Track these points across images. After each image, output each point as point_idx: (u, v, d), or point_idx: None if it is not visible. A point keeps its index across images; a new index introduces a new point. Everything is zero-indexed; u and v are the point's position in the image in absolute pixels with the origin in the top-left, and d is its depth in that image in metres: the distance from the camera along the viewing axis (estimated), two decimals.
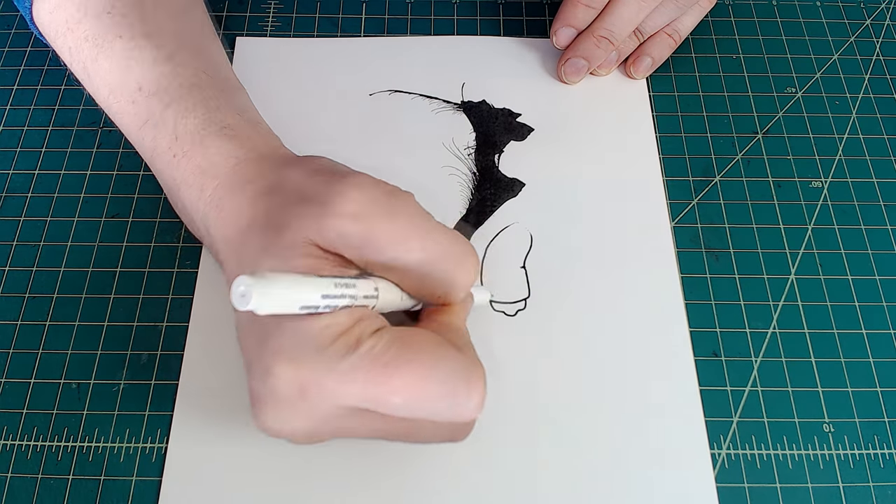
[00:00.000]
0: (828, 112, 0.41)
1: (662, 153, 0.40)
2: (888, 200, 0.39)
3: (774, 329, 0.35)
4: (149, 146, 0.31)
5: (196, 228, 0.31)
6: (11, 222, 0.37)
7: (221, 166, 0.29)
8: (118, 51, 0.31)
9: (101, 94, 0.32)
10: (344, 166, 0.28)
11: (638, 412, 0.33)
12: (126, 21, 0.32)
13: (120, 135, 0.33)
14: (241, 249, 0.27)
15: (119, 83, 0.31)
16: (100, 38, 0.32)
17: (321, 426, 0.25)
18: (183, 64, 0.31)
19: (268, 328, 0.25)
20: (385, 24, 0.44)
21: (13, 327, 0.34)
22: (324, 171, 0.27)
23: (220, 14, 0.44)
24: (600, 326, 0.35)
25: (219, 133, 0.30)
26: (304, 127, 0.40)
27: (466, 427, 0.28)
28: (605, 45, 0.40)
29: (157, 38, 0.32)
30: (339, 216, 0.25)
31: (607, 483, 0.31)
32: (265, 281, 0.22)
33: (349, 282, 0.25)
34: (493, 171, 0.39)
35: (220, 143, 0.29)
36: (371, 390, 0.24)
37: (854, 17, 0.45)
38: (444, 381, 0.25)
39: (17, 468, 0.31)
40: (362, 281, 0.25)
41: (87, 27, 0.32)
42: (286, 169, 0.28)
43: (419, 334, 0.26)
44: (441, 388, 0.25)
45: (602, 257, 0.36)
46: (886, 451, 0.32)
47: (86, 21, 0.32)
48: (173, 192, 0.31)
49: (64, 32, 0.33)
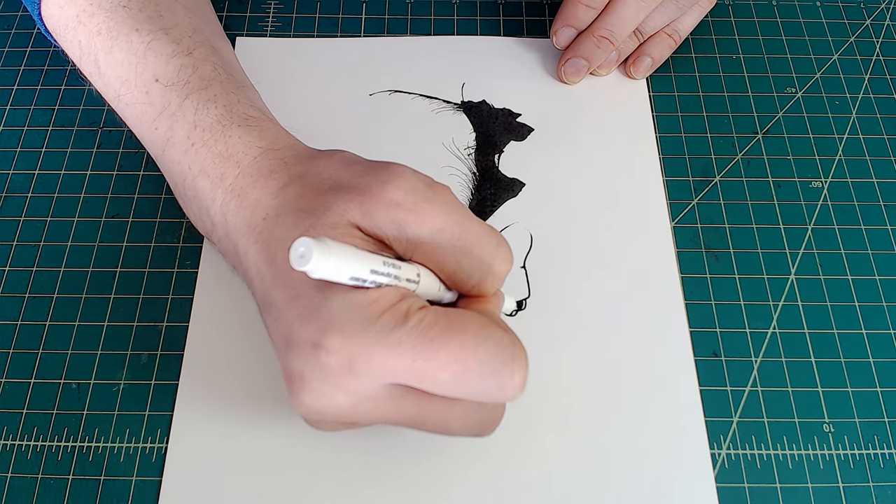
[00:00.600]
0: (828, 112, 0.41)
1: (662, 153, 0.40)
2: (888, 200, 0.39)
3: (774, 329, 0.35)
4: (162, 136, 0.31)
5: (208, 218, 0.31)
6: (11, 222, 0.37)
7: (243, 155, 0.29)
8: (135, 43, 0.32)
9: (111, 87, 0.33)
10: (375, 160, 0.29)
11: (638, 412, 0.33)
12: (143, 15, 0.32)
13: (120, 135, 0.33)
14: (269, 235, 0.27)
15: (134, 75, 0.31)
16: (115, 30, 0.32)
17: (362, 405, 0.25)
18: (202, 59, 0.32)
19: (313, 302, 0.25)
20: (385, 24, 0.44)
21: (13, 327, 0.34)
22: (359, 162, 0.28)
23: (220, 14, 0.44)
24: (600, 326, 0.35)
25: (241, 124, 0.30)
26: (304, 127, 0.39)
27: (496, 418, 0.28)
28: (606, 46, 0.40)
29: (175, 33, 0.32)
30: (384, 202, 0.26)
31: (607, 483, 0.31)
32: (324, 245, 0.22)
33: (396, 262, 0.25)
34: (493, 171, 0.39)
35: (241, 133, 0.30)
36: (419, 364, 0.24)
37: (854, 17, 0.45)
38: (489, 358, 0.25)
39: (17, 468, 0.31)
40: (406, 264, 0.26)
41: (101, 20, 0.32)
42: (313, 161, 0.29)
43: (463, 313, 0.26)
44: (487, 366, 0.25)
45: (602, 257, 0.36)
46: (886, 451, 0.32)
47: (99, 14, 0.32)
48: (186, 181, 0.31)
49: (75, 27, 0.33)
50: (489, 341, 0.25)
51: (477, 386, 0.25)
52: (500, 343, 0.25)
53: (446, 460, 0.31)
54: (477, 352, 0.25)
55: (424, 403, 0.26)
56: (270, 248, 0.27)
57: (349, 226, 0.26)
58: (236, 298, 0.34)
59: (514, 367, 0.25)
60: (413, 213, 0.26)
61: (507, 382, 0.25)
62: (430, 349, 0.24)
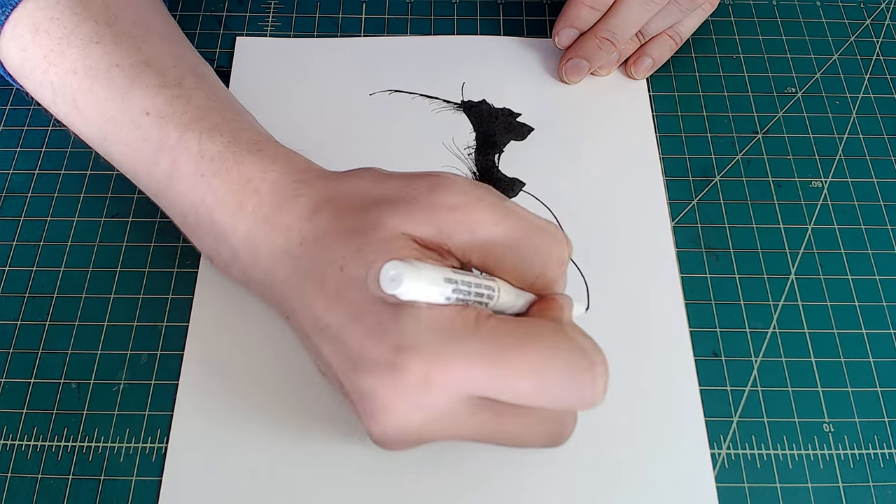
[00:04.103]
0: (828, 112, 0.41)
1: (662, 153, 0.40)
2: (888, 200, 0.39)
3: (774, 329, 0.35)
4: (164, 170, 0.30)
5: (227, 249, 0.29)
6: (11, 222, 0.37)
7: (261, 181, 0.28)
8: (117, 79, 0.30)
9: (95, 126, 0.31)
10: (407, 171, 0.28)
11: (638, 412, 0.33)
12: (120, 49, 0.31)
13: None
14: (312, 259, 0.26)
15: (121, 111, 0.30)
16: (92, 68, 0.30)
17: (440, 422, 0.25)
18: (192, 88, 0.31)
19: (381, 319, 0.24)
20: (385, 24, 0.44)
21: (13, 327, 0.34)
22: (393, 176, 0.28)
23: (220, 14, 0.44)
24: (600, 326, 0.34)
25: (250, 150, 0.29)
26: (304, 127, 0.40)
27: (570, 426, 0.28)
28: (607, 47, 0.40)
29: (158, 65, 0.31)
30: (437, 208, 0.26)
31: (608, 482, 0.31)
32: (414, 267, 0.22)
33: (475, 279, 0.25)
34: (493, 171, 0.39)
35: (254, 160, 0.29)
36: (496, 373, 0.24)
37: (854, 17, 0.45)
38: (568, 364, 0.24)
39: (17, 468, 0.31)
40: (486, 280, 0.26)
41: (75, 59, 0.31)
42: (341, 181, 0.28)
43: (535, 321, 0.26)
44: (566, 371, 0.24)
45: (602, 257, 0.36)
46: (886, 451, 0.32)
47: (70, 53, 0.31)
48: (199, 213, 0.29)
49: (44, 68, 0.31)
50: (566, 347, 0.25)
51: (556, 393, 0.25)
52: (577, 348, 0.25)
53: (446, 460, 0.31)
54: (555, 359, 0.24)
55: (501, 416, 0.25)
56: (317, 273, 0.26)
57: (404, 237, 0.25)
58: (236, 298, 0.34)
59: (595, 371, 0.25)
60: (468, 214, 0.26)
61: (586, 389, 0.25)
62: (506, 357, 0.24)
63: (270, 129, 0.32)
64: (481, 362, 0.24)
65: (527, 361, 0.24)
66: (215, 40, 0.43)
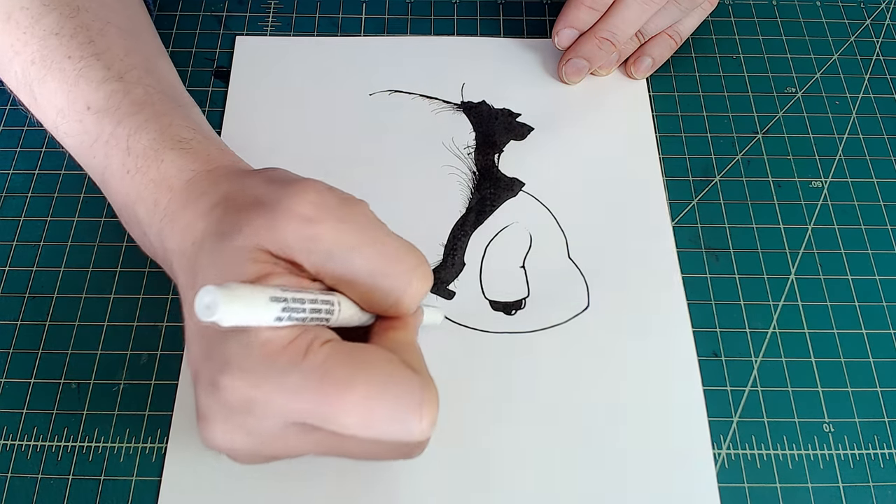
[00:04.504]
0: (828, 112, 0.41)
1: (662, 153, 0.40)
2: (888, 200, 0.39)
3: (774, 329, 0.35)
4: (100, 164, 0.30)
5: (149, 244, 0.30)
6: (11, 222, 0.37)
7: (176, 179, 0.28)
8: (67, 71, 0.30)
9: (48, 117, 0.32)
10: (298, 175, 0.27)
11: (640, 412, 0.33)
12: (74, 42, 0.31)
13: None
14: (195, 260, 0.26)
15: (67, 103, 0.30)
16: (48, 59, 0.31)
17: (267, 444, 0.25)
18: (134, 82, 0.31)
19: (212, 340, 0.24)
20: (385, 24, 0.44)
21: (13, 327, 0.34)
22: (277, 179, 0.27)
23: (220, 14, 0.44)
24: (601, 326, 0.35)
25: (173, 147, 0.29)
26: (303, 127, 0.40)
27: (420, 445, 0.27)
28: (607, 47, 0.40)
29: (107, 58, 0.31)
30: (291, 218, 0.25)
31: (609, 482, 0.31)
32: (230, 292, 0.21)
33: (311, 295, 0.24)
34: (492, 171, 0.39)
35: (174, 157, 0.29)
36: (321, 408, 0.23)
37: (854, 17, 0.45)
38: (396, 401, 0.24)
39: (17, 468, 0.31)
40: (323, 295, 0.25)
41: (34, 49, 0.31)
42: (241, 179, 0.27)
43: (371, 351, 0.25)
44: (393, 409, 0.24)
45: (602, 257, 0.36)
46: (886, 451, 0.32)
47: (32, 43, 0.31)
48: (127, 208, 0.29)
49: (11, 57, 0.32)
50: (396, 382, 0.24)
51: (384, 429, 0.24)
52: (407, 385, 0.24)
53: (446, 460, 0.31)
54: (384, 395, 0.24)
55: (335, 437, 0.25)
56: (194, 275, 0.26)
57: (256, 249, 0.25)
58: None
59: (423, 409, 0.24)
60: (323, 230, 0.25)
61: (415, 425, 0.24)
62: (333, 392, 0.23)
63: (270, 129, 0.32)
64: (306, 396, 0.23)
65: (354, 398, 0.23)
66: (215, 40, 0.43)
